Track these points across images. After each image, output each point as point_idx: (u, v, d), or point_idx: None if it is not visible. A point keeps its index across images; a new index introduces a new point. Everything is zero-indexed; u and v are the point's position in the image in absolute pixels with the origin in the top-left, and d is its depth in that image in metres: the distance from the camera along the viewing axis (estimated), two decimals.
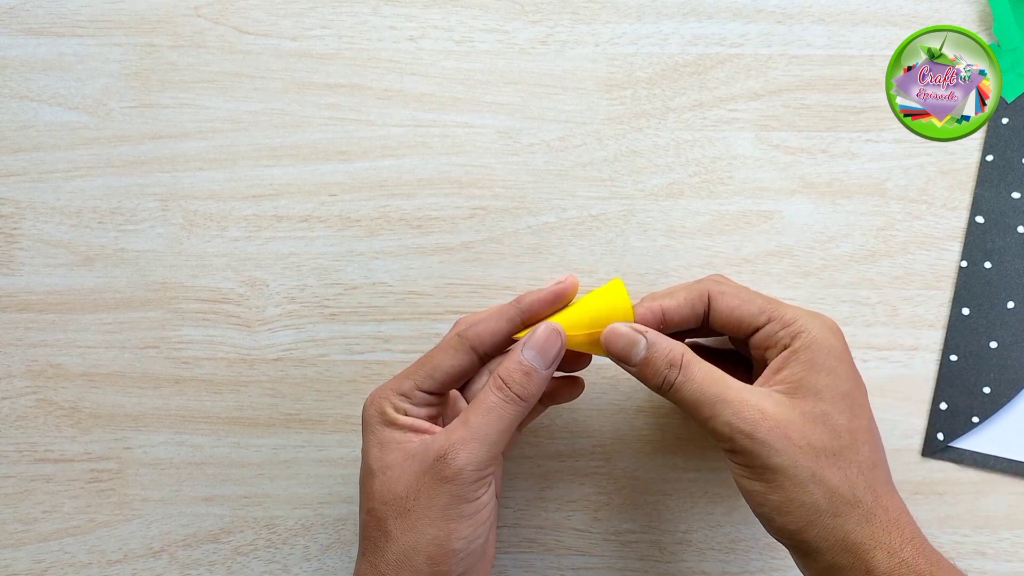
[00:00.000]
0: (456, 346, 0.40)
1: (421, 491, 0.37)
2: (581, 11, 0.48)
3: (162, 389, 0.48)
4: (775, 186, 0.48)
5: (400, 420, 0.39)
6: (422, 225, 0.48)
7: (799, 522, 0.35)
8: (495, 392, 0.38)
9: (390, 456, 0.38)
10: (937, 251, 0.48)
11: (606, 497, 0.48)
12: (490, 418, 0.37)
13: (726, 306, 0.40)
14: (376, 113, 0.48)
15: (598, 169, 0.48)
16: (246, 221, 0.48)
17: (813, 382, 0.37)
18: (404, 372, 0.40)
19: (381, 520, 0.37)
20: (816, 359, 0.37)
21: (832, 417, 0.36)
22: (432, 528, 0.37)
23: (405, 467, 0.37)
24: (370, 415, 0.39)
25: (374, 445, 0.39)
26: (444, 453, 0.37)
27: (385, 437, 0.38)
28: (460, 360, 0.40)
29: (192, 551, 0.48)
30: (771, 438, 0.35)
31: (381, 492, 0.38)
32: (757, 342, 0.39)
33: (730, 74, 0.48)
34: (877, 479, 0.37)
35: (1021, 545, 0.47)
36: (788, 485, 0.35)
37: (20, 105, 0.49)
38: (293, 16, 0.48)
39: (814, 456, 0.35)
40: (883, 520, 0.36)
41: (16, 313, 0.48)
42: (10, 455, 0.48)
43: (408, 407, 0.39)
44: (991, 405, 0.47)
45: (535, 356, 0.38)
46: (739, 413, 0.36)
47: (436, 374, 0.40)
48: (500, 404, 0.38)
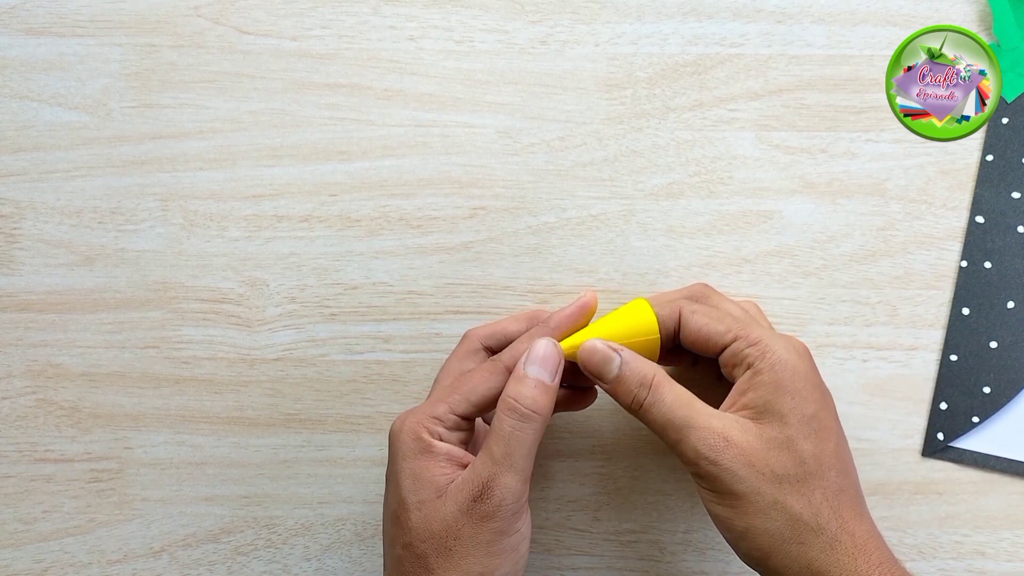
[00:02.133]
0: (492, 370, 0.40)
1: (463, 531, 0.36)
2: (581, 11, 0.48)
3: (162, 389, 0.48)
4: (775, 186, 0.48)
5: (435, 447, 0.38)
6: (422, 225, 0.48)
7: (763, 549, 0.36)
8: (508, 417, 0.37)
9: (424, 491, 0.37)
10: (937, 251, 0.48)
11: (606, 497, 0.48)
12: (512, 445, 0.37)
13: (695, 325, 0.40)
14: (376, 113, 0.48)
15: (598, 169, 0.48)
16: (246, 221, 0.48)
17: (778, 406, 0.37)
18: (437, 395, 0.40)
19: (422, 557, 0.37)
20: (781, 381, 0.37)
21: (797, 443, 0.36)
22: (477, 565, 0.36)
23: (439, 505, 0.37)
24: (403, 441, 0.38)
25: (407, 476, 0.38)
26: (479, 493, 0.36)
27: (419, 468, 0.38)
28: (498, 383, 0.39)
29: (192, 551, 0.48)
30: (734, 465, 0.36)
31: (419, 529, 0.37)
32: (724, 360, 0.39)
33: (730, 74, 0.48)
34: (843, 504, 0.36)
35: (1021, 545, 0.47)
36: (751, 511, 0.35)
37: (20, 105, 0.49)
38: (293, 16, 0.48)
39: (777, 483, 0.36)
40: (848, 546, 0.35)
41: (16, 313, 0.48)
42: (10, 455, 0.48)
43: (442, 431, 0.39)
44: (991, 405, 0.47)
45: (538, 370, 0.38)
46: (704, 439, 0.36)
47: (472, 398, 0.39)
48: (517, 427, 0.37)
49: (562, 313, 0.42)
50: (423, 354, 0.48)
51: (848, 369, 0.48)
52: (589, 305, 0.42)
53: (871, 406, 0.47)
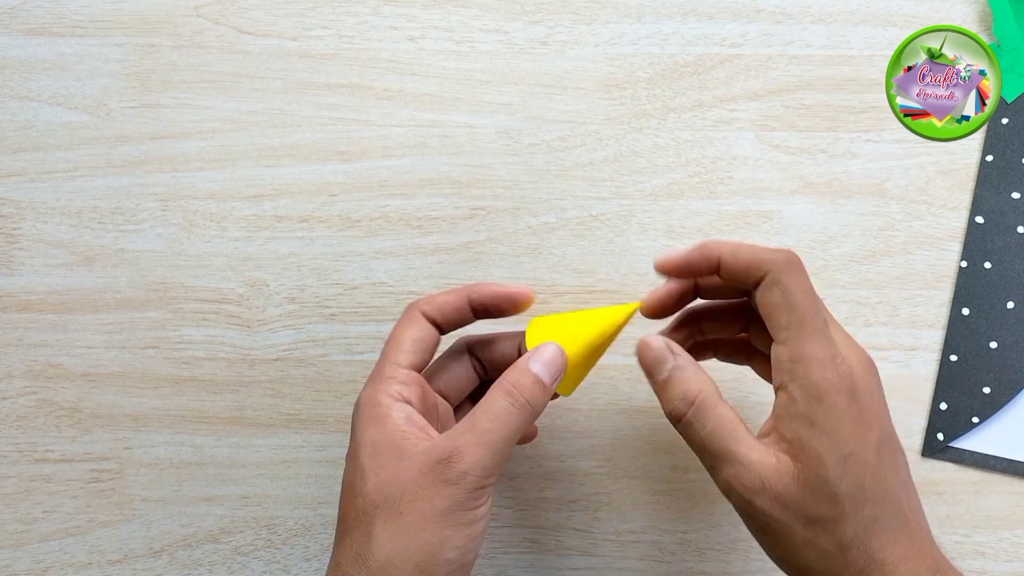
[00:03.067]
0: (411, 317, 0.40)
1: (419, 493, 0.35)
2: (581, 11, 0.48)
3: (162, 389, 0.48)
4: (775, 186, 0.48)
5: (394, 410, 0.37)
6: (422, 225, 0.48)
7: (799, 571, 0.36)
8: (504, 398, 0.37)
9: (383, 456, 0.36)
10: (937, 251, 0.48)
11: (606, 497, 0.48)
12: (498, 423, 0.36)
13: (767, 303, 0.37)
14: (376, 113, 0.48)
15: (598, 169, 0.48)
16: (246, 221, 0.48)
17: (814, 445, 0.35)
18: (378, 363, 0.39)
19: (368, 523, 0.35)
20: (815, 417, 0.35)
21: (832, 485, 0.35)
22: (426, 533, 0.35)
23: (401, 467, 0.36)
24: (360, 412, 0.38)
25: (367, 442, 0.37)
26: (448, 456, 0.35)
27: (378, 434, 0.37)
28: (421, 327, 0.40)
29: (192, 551, 0.48)
30: (767, 507, 0.35)
31: (372, 493, 0.35)
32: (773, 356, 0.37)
33: (730, 74, 0.48)
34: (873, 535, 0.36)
35: (1021, 545, 0.47)
36: (782, 546, 0.36)
37: (20, 105, 0.49)
38: (293, 16, 0.48)
39: (810, 525, 0.35)
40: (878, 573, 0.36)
41: (16, 313, 0.48)
42: (10, 455, 0.48)
43: (398, 388, 0.38)
44: (991, 405, 0.47)
45: (542, 370, 0.38)
46: (739, 477, 0.35)
47: (405, 345, 0.39)
48: (509, 409, 0.36)
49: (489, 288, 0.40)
50: None
51: None
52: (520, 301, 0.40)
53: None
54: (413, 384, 0.39)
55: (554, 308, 0.48)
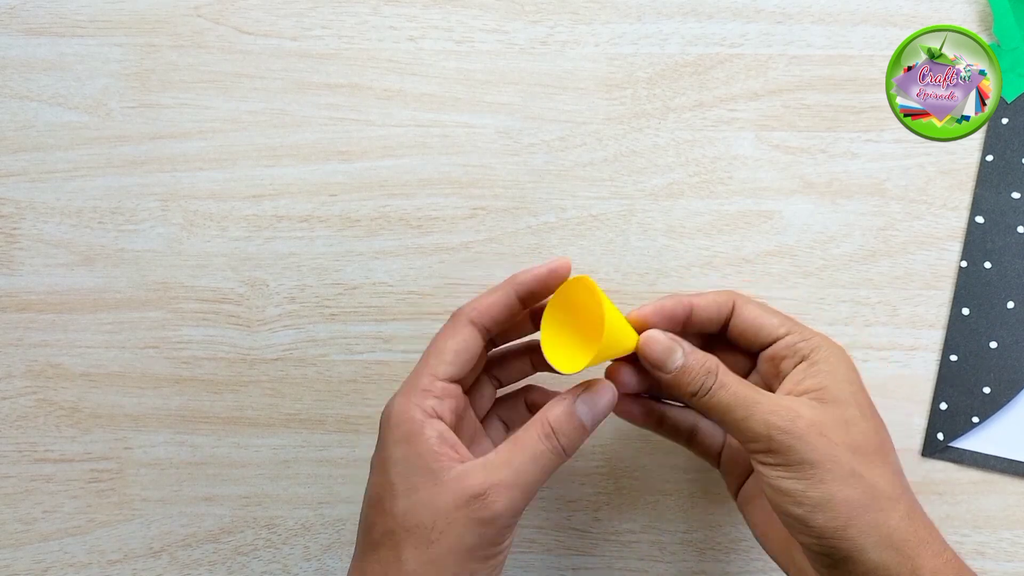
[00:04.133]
0: (457, 326, 0.39)
1: (450, 527, 0.35)
2: (581, 11, 0.48)
3: (162, 389, 0.48)
4: (775, 186, 0.48)
5: (427, 427, 0.36)
6: (422, 225, 0.48)
7: (841, 518, 0.34)
8: (544, 440, 0.36)
9: (415, 477, 0.36)
10: (937, 251, 0.48)
11: (606, 497, 0.48)
12: (535, 466, 0.36)
13: (750, 314, 0.41)
14: (376, 113, 0.48)
15: (598, 169, 0.48)
16: (246, 221, 0.48)
17: (838, 391, 0.37)
18: (415, 372, 0.39)
19: (397, 544, 0.35)
20: (838, 370, 0.38)
21: (861, 423, 0.37)
22: (454, 566, 0.35)
23: (434, 494, 0.35)
24: (394, 425, 0.37)
25: (398, 461, 0.36)
26: (483, 493, 0.35)
27: (411, 452, 0.36)
28: (465, 338, 0.38)
29: (192, 551, 0.48)
30: (808, 434, 0.35)
31: (404, 516, 0.35)
32: (774, 353, 0.40)
33: (730, 74, 0.48)
34: (908, 485, 0.37)
35: (1021, 545, 0.47)
36: (828, 480, 0.35)
37: (20, 105, 0.49)
38: (293, 16, 0.48)
39: (851, 453, 0.35)
40: (924, 520, 0.35)
41: (16, 313, 0.48)
42: (10, 455, 0.48)
43: (433, 403, 0.37)
44: (991, 405, 0.47)
45: (587, 413, 0.37)
46: (775, 411, 0.36)
47: (446, 355, 0.38)
48: (545, 453, 0.36)
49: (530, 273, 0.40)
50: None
51: None
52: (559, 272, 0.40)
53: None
54: (448, 398, 0.38)
55: None
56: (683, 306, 0.40)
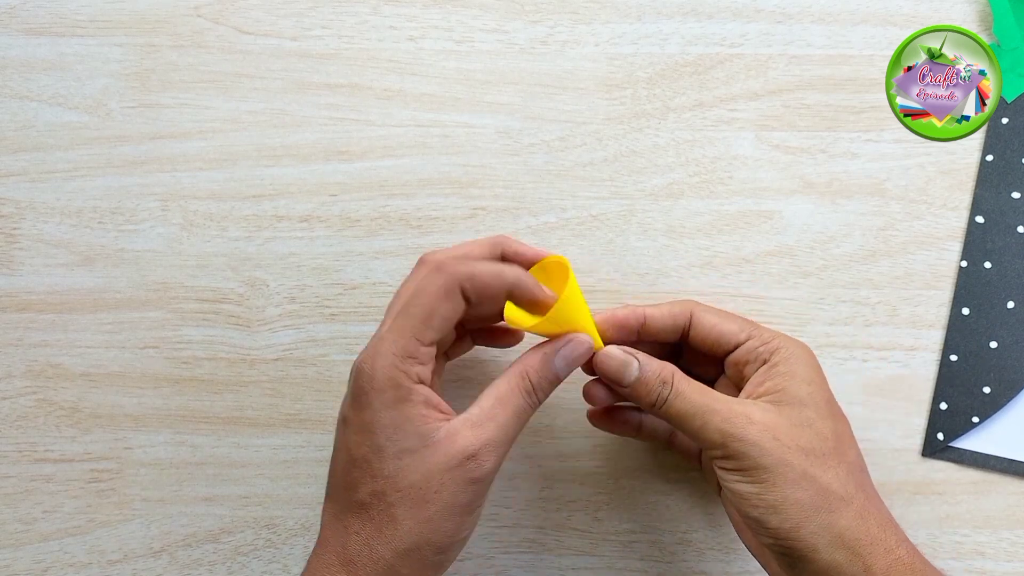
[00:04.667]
0: (450, 290, 0.37)
1: (445, 486, 0.36)
2: (581, 11, 0.48)
3: (162, 389, 0.48)
4: (775, 186, 0.48)
5: (414, 392, 0.37)
6: (422, 225, 0.48)
7: (793, 520, 0.36)
8: (524, 396, 0.38)
9: (405, 439, 0.36)
10: (937, 251, 0.48)
11: (606, 497, 0.48)
12: (517, 420, 0.38)
13: (708, 322, 0.41)
14: (376, 113, 0.48)
15: (598, 169, 0.48)
16: (246, 221, 0.48)
17: (796, 391, 0.38)
18: (396, 326, 0.37)
19: (392, 505, 0.36)
20: (797, 371, 0.39)
21: (817, 423, 0.38)
22: (448, 522, 0.36)
23: (425, 456, 0.36)
24: (379, 388, 0.36)
25: (387, 424, 0.36)
26: (475, 453, 0.36)
27: (399, 416, 0.36)
28: (455, 304, 0.38)
29: (192, 551, 0.48)
30: (761, 439, 0.36)
31: (396, 477, 0.36)
32: (737, 358, 0.41)
33: (730, 74, 0.48)
34: (866, 482, 0.38)
35: (1021, 545, 0.47)
36: (780, 483, 0.36)
37: (20, 105, 0.49)
38: (293, 16, 0.48)
39: (803, 455, 0.36)
40: (877, 518, 0.36)
41: (16, 313, 0.48)
42: (10, 455, 0.48)
43: (418, 369, 0.37)
44: (991, 405, 0.47)
45: (564, 367, 0.39)
46: (728, 419, 0.37)
47: (434, 322, 0.37)
48: (526, 409, 0.38)
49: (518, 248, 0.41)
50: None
51: (848, 369, 0.48)
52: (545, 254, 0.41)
53: (871, 406, 0.47)
54: (430, 362, 0.38)
55: None
56: (636, 316, 0.42)
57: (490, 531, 0.48)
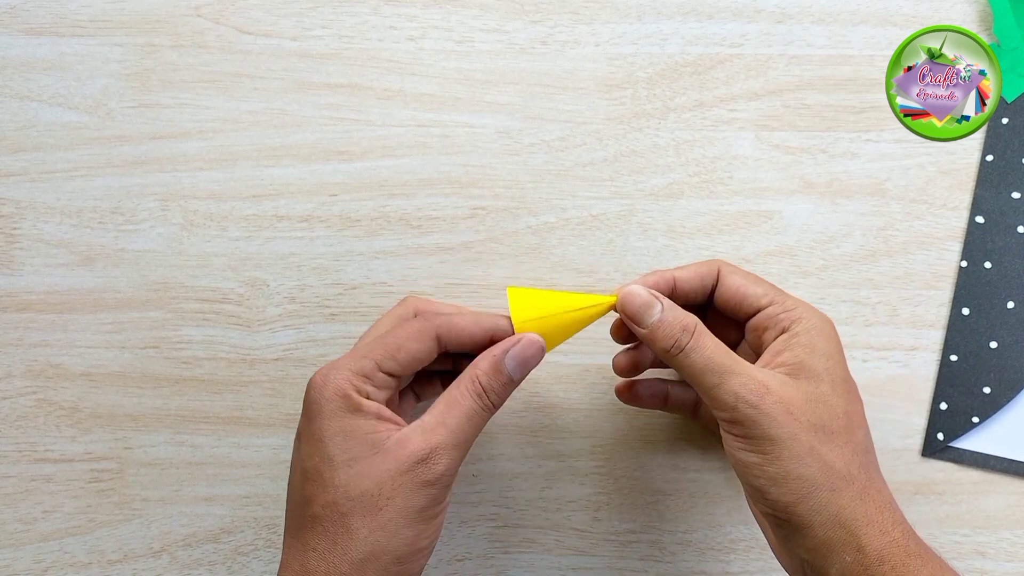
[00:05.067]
0: (424, 332, 0.39)
1: (397, 491, 0.36)
2: (581, 11, 0.48)
3: (162, 389, 0.48)
4: (775, 186, 0.48)
5: (365, 405, 0.37)
6: (422, 225, 0.48)
7: (793, 494, 0.36)
8: (475, 399, 0.38)
9: (355, 447, 0.36)
10: (937, 251, 0.48)
11: (606, 497, 0.48)
12: (470, 424, 0.37)
13: (734, 283, 0.41)
14: (376, 113, 0.48)
15: (598, 169, 0.48)
16: (246, 221, 0.48)
17: (814, 365, 0.38)
18: (361, 350, 0.39)
19: (343, 516, 0.36)
20: (816, 344, 0.38)
21: (831, 399, 0.37)
22: (405, 529, 0.36)
23: (376, 463, 0.36)
24: (328, 399, 0.37)
25: (335, 433, 0.37)
26: (426, 457, 0.36)
27: (348, 425, 0.37)
28: (426, 347, 0.39)
29: (192, 551, 0.48)
30: (774, 410, 0.36)
31: (347, 486, 0.36)
32: (757, 323, 0.40)
33: (730, 74, 0.48)
34: (870, 463, 0.38)
35: (1021, 545, 0.47)
36: (786, 456, 0.36)
37: (20, 105, 0.49)
38: (293, 16, 0.48)
39: (813, 432, 0.36)
40: (876, 500, 0.36)
41: (16, 313, 0.48)
42: (10, 455, 0.48)
43: (370, 389, 0.38)
44: (991, 405, 0.47)
45: (516, 368, 0.38)
46: (745, 384, 0.36)
47: (400, 356, 0.38)
48: (478, 412, 0.38)
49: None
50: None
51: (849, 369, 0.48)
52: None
53: (871, 406, 0.47)
54: (385, 389, 0.38)
55: None
56: (665, 281, 0.41)
57: (490, 531, 0.48)
